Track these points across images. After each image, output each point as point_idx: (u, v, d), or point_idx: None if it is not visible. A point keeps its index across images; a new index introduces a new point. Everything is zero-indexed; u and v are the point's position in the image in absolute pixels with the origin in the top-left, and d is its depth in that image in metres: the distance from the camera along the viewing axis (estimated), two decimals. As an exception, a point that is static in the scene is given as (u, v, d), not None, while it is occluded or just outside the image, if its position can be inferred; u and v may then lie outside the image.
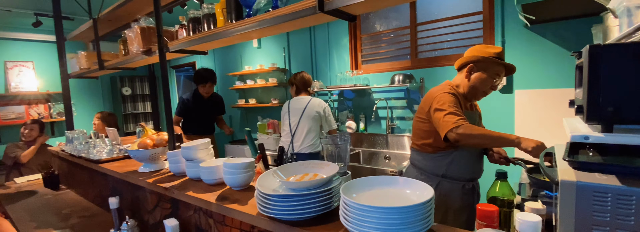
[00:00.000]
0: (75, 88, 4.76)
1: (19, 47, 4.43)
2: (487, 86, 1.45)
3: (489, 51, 1.43)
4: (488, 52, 1.42)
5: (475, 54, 1.45)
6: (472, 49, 1.49)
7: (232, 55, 4.44)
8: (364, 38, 3.20)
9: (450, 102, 1.36)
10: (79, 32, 2.50)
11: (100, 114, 3.05)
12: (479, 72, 1.44)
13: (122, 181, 1.53)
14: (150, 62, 1.97)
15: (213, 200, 0.99)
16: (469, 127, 1.26)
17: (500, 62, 1.41)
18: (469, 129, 1.26)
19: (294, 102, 2.56)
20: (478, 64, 1.44)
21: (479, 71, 1.44)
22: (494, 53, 1.42)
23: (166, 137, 1.52)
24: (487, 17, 2.51)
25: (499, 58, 1.42)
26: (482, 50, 1.44)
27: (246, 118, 4.43)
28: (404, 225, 0.62)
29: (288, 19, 1.06)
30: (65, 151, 2.16)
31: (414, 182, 0.76)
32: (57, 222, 1.60)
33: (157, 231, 1.33)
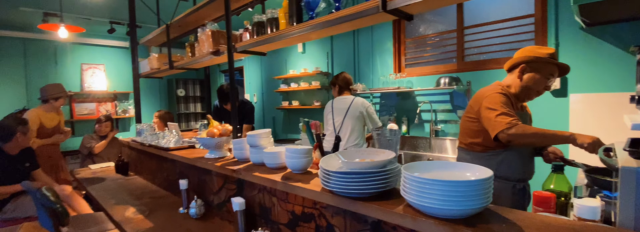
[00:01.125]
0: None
1: (93, 52, 5.03)
2: (541, 86, 1.44)
3: (542, 52, 1.43)
4: (540, 53, 1.43)
5: (527, 54, 1.46)
6: (523, 50, 1.49)
7: (277, 60, 4.68)
8: (408, 42, 3.25)
9: (503, 102, 1.38)
10: (152, 37, 2.82)
11: (159, 112, 3.38)
12: (532, 73, 1.44)
13: (190, 166, 1.72)
14: (215, 62, 2.19)
15: (278, 179, 1.11)
16: (522, 127, 1.27)
17: (553, 62, 1.41)
18: (522, 129, 1.27)
19: (338, 102, 2.65)
20: (531, 65, 1.44)
21: (532, 72, 1.44)
22: (546, 53, 1.42)
23: (230, 128, 1.69)
24: (539, 19, 2.46)
25: (552, 58, 1.42)
26: (535, 50, 1.45)
27: (288, 119, 4.62)
28: (464, 198, 0.68)
29: (350, 18, 1.18)
30: (136, 141, 2.44)
31: (473, 166, 0.81)
32: (132, 200, 1.83)
33: (222, 210, 1.48)
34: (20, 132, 2.30)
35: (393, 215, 0.76)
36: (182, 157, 1.71)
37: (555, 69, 1.43)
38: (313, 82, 3.92)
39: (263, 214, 1.24)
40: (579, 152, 1.39)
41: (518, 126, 1.28)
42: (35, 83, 4.48)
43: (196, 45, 2.28)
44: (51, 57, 4.70)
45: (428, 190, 0.71)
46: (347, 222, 0.92)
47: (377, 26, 3.40)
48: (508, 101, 1.40)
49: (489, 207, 0.78)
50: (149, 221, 1.46)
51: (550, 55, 1.42)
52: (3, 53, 4.32)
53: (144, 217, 1.51)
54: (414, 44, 3.22)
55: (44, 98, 2.94)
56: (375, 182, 0.87)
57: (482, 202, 0.70)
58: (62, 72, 4.73)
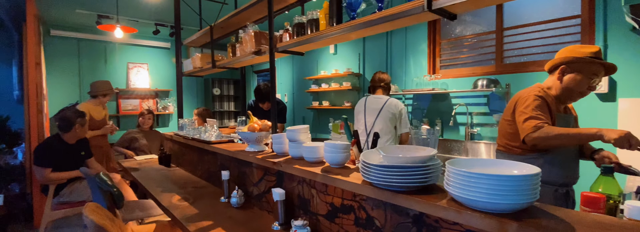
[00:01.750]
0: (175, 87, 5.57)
1: (138, 52, 5.38)
2: (583, 87, 1.40)
3: (584, 51, 1.38)
4: (582, 52, 1.38)
5: (567, 54, 1.41)
6: (564, 50, 1.45)
7: (308, 61, 4.77)
8: (444, 43, 3.21)
9: (534, 106, 1.35)
10: (195, 38, 2.99)
11: (198, 110, 3.57)
12: (573, 74, 1.40)
13: (231, 158, 1.82)
14: (255, 62, 2.30)
15: (319, 172, 1.16)
16: (546, 130, 1.26)
17: (596, 61, 1.35)
18: (545, 131, 1.25)
19: (371, 102, 2.63)
20: (571, 65, 1.40)
21: (573, 72, 1.40)
22: (589, 53, 1.37)
23: (269, 124, 1.77)
24: (586, 20, 2.35)
25: (596, 58, 1.36)
26: (576, 50, 1.40)
27: (318, 119, 4.69)
28: (512, 193, 0.69)
29: (393, 18, 1.21)
30: (179, 134, 2.59)
31: (519, 163, 0.82)
32: (177, 189, 1.96)
33: (260, 200, 1.55)
34: (79, 124, 2.53)
35: (436, 208, 0.79)
36: (223, 149, 1.81)
37: (599, 69, 1.37)
38: (344, 82, 3.96)
39: (302, 205, 1.29)
40: (627, 160, 1.33)
41: (542, 128, 1.27)
42: (87, 79, 4.87)
43: (237, 45, 2.40)
44: (101, 56, 5.08)
45: (474, 184, 0.73)
46: (387, 215, 0.95)
47: (412, 27, 3.38)
48: (542, 104, 1.37)
49: (535, 204, 0.78)
50: (194, 208, 1.56)
51: (593, 54, 1.36)
52: (60, 52, 4.74)
53: (188, 204, 1.62)
54: (449, 45, 3.17)
55: (94, 94, 3.20)
56: (417, 176, 0.89)
57: (529, 198, 0.70)
58: (110, 70, 5.11)
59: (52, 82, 4.60)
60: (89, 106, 3.14)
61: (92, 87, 3.23)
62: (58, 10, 4.17)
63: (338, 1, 1.58)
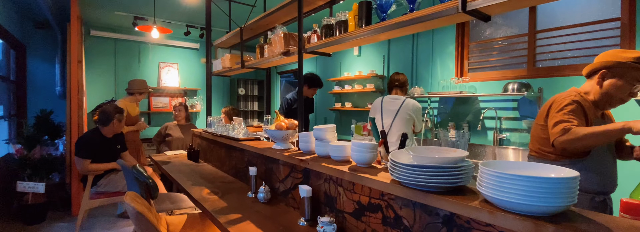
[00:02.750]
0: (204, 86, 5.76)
1: (170, 52, 5.61)
2: (624, 93, 1.35)
3: (626, 56, 1.32)
4: (625, 57, 1.32)
5: (608, 59, 1.36)
6: (604, 54, 1.40)
7: (332, 63, 4.80)
8: (472, 45, 3.14)
9: (568, 110, 1.31)
10: (225, 39, 3.10)
11: (225, 108, 3.68)
12: (614, 79, 1.35)
13: (258, 155, 1.87)
14: (283, 62, 2.35)
15: (346, 170, 1.18)
16: (574, 132, 1.22)
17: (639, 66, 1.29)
18: (573, 133, 1.22)
19: (387, 103, 2.60)
20: (612, 70, 1.35)
21: (614, 77, 1.35)
22: (632, 58, 1.31)
23: (296, 122, 1.81)
24: (626, 23, 2.24)
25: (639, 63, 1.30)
26: (618, 55, 1.35)
27: (340, 120, 4.70)
28: (549, 195, 0.68)
29: (425, 19, 1.21)
30: (207, 131, 2.69)
31: (555, 166, 0.80)
32: (206, 183, 2.03)
33: (287, 197, 1.59)
34: (117, 119, 2.68)
35: (469, 209, 0.79)
36: (251, 146, 1.87)
37: None
38: (367, 84, 3.96)
39: (328, 202, 1.32)
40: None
41: (570, 130, 1.23)
42: (121, 78, 5.14)
43: (266, 46, 2.47)
44: (135, 55, 5.35)
45: (509, 185, 0.72)
46: (416, 215, 0.96)
47: (439, 29, 3.34)
48: (577, 109, 1.33)
49: (572, 209, 0.77)
50: (223, 201, 1.62)
51: (636, 59, 1.30)
52: (98, 51, 5.03)
53: (218, 198, 1.68)
54: (478, 48, 3.10)
55: (131, 91, 3.39)
56: (449, 177, 0.89)
57: (566, 201, 0.69)
58: (143, 69, 5.36)
59: (90, 79, 4.89)
60: (126, 103, 3.32)
61: (130, 85, 3.42)
62: (98, 12, 4.43)
63: (368, 3, 1.60)
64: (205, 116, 3.42)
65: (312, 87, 3.45)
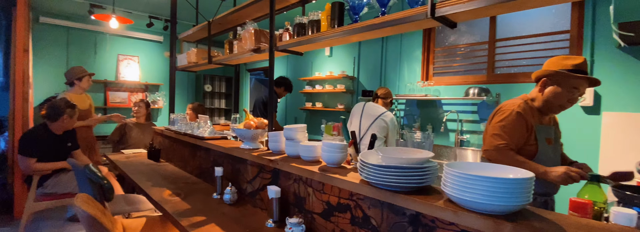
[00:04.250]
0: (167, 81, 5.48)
1: (130, 44, 5.28)
2: (562, 100, 1.39)
3: (567, 63, 1.37)
4: (565, 64, 1.37)
5: (549, 67, 1.42)
6: (549, 61, 1.45)
7: (303, 62, 4.79)
8: (438, 50, 3.28)
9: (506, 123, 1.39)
10: (191, 33, 2.97)
11: (192, 105, 3.53)
12: (554, 86, 1.40)
13: (225, 155, 1.81)
14: (253, 59, 2.30)
15: (316, 170, 1.17)
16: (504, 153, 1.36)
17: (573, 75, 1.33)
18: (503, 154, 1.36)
19: (369, 108, 2.71)
20: (552, 78, 1.40)
21: (553, 85, 1.40)
22: (572, 65, 1.36)
23: (266, 122, 1.77)
24: (575, 36, 2.45)
25: (578, 70, 1.35)
26: (559, 62, 1.39)
27: (311, 120, 4.70)
28: (508, 195, 0.72)
29: (396, 23, 1.24)
30: (170, 129, 2.56)
31: (513, 168, 0.85)
32: (167, 184, 1.93)
33: (254, 198, 1.55)
34: (68, 115, 2.47)
35: (434, 208, 0.81)
36: (218, 146, 1.80)
37: (580, 82, 1.36)
38: (338, 85, 3.99)
39: (297, 203, 1.30)
40: (608, 171, 1.39)
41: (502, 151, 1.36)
42: (75, 70, 4.75)
43: (236, 42, 2.40)
44: (91, 46, 4.97)
45: (472, 185, 0.76)
46: (384, 214, 0.97)
47: (407, 34, 3.45)
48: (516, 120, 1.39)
49: (528, 207, 0.82)
50: (185, 203, 1.55)
51: (575, 66, 1.35)
52: (49, 40, 4.61)
53: (180, 200, 1.60)
54: (443, 53, 3.25)
55: (70, 81, 3.06)
56: (416, 177, 0.92)
57: (524, 200, 0.74)
58: (99, 61, 4.99)
59: (38, 70, 4.46)
60: (71, 96, 3.04)
61: (66, 76, 3.09)
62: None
63: (341, 4, 1.61)
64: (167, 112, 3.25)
65: (286, 91, 3.62)
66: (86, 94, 3.22)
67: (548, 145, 1.46)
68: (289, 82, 3.65)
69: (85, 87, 3.14)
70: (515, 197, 0.72)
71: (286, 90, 3.65)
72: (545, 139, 1.45)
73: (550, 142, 1.47)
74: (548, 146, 1.45)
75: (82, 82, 3.08)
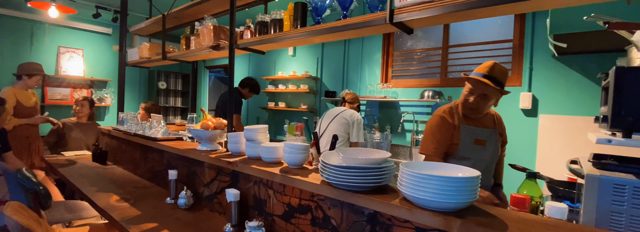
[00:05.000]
0: (116, 77, 5.09)
1: (73, 35, 4.82)
2: (465, 102, 1.47)
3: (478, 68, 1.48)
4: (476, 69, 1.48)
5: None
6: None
7: (266, 61, 4.72)
8: (396, 54, 3.41)
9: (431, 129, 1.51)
10: (144, 26, 2.78)
11: (145, 104, 3.31)
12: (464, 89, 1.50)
13: (180, 157, 1.72)
14: (211, 56, 2.21)
15: (277, 172, 1.16)
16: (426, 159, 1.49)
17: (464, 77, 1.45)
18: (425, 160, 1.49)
19: (332, 110, 2.77)
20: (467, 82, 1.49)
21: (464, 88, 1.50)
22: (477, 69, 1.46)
23: (225, 122, 1.72)
24: (517, 45, 2.68)
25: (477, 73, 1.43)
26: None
27: (273, 120, 4.64)
28: (457, 193, 0.77)
29: (357, 27, 1.27)
30: (119, 129, 2.38)
31: (462, 167, 0.91)
32: (115, 189, 1.79)
33: (212, 202, 1.50)
34: (-6, 112, 2.18)
35: (390, 207, 0.84)
36: (172, 147, 1.71)
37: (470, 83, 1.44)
38: (301, 85, 3.99)
39: (257, 205, 1.28)
40: (544, 168, 1.55)
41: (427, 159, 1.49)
42: (8, 62, 4.23)
43: (193, 38, 2.29)
44: (27, 36, 4.46)
45: (425, 184, 0.80)
46: (343, 214, 0.99)
47: (368, 38, 3.54)
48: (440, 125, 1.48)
49: (474, 204, 0.87)
50: (135, 209, 1.45)
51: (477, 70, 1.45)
52: (-27, 28, 4.07)
53: (129, 205, 1.50)
54: (401, 57, 3.38)
55: (19, 74, 2.80)
56: (374, 177, 0.94)
57: (471, 197, 0.79)
58: (37, 53, 4.50)
59: (-42, 61, 3.91)
60: (15, 90, 2.73)
61: (18, 68, 2.82)
62: (-26, -21, 3.58)
63: (304, 4, 1.61)
64: (116, 111, 3.01)
65: (252, 92, 3.51)
66: (32, 91, 2.92)
67: (475, 145, 1.49)
68: (255, 83, 3.53)
69: (31, 86, 2.88)
70: (463, 194, 0.77)
71: (252, 92, 3.53)
72: (473, 139, 1.49)
73: (480, 143, 1.50)
74: (474, 146, 1.49)
75: (31, 80, 2.83)
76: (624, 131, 0.85)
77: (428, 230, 0.81)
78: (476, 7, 0.96)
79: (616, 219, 0.82)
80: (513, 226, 0.70)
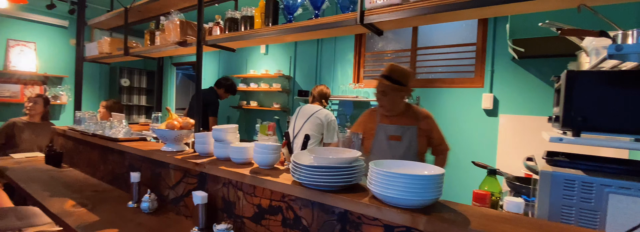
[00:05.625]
0: (73, 73, 4.76)
1: (24, 27, 4.45)
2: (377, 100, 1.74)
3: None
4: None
5: None
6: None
7: (237, 59, 4.62)
8: (368, 55, 3.47)
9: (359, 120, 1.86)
10: (104, 19, 2.62)
11: (106, 102, 3.11)
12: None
13: (143, 159, 1.64)
14: (177, 53, 2.12)
15: (247, 173, 1.14)
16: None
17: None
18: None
19: (305, 108, 2.74)
20: None
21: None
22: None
23: (192, 121, 1.65)
24: (480, 48, 2.82)
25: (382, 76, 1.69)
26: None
27: (245, 119, 4.55)
28: (424, 190, 0.80)
29: (328, 27, 1.27)
30: (75, 129, 2.23)
31: (428, 165, 0.94)
32: (71, 193, 1.67)
33: (178, 205, 1.44)
34: None
35: (360, 205, 0.85)
36: (135, 148, 1.63)
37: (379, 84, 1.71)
38: (274, 84, 3.94)
39: (226, 208, 1.24)
40: (504, 165, 1.64)
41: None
42: (-59, 55, 3.82)
43: (158, 33, 2.19)
44: (-33, 27, 4.05)
45: (393, 182, 0.81)
46: (314, 214, 0.99)
47: (341, 38, 3.57)
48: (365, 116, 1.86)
49: (439, 200, 0.91)
50: (93, 215, 1.36)
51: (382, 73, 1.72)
52: None
53: (87, 211, 1.40)
54: (372, 58, 3.44)
55: None
56: (344, 176, 0.95)
57: (437, 194, 0.82)
58: (-21, 46, 4.10)
59: None
60: None
61: None
62: None
63: (275, 2, 1.58)
64: (72, 110, 2.81)
65: (228, 92, 3.44)
66: None
67: (388, 140, 1.72)
68: (232, 83, 3.43)
69: None
70: (429, 192, 0.79)
71: (228, 92, 3.44)
72: (388, 135, 1.73)
73: (395, 139, 1.72)
74: (386, 141, 1.73)
75: None
76: (573, 130, 0.92)
77: (396, 227, 0.83)
78: (441, 11, 0.99)
79: (567, 212, 0.88)
80: (475, 221, 0.73)
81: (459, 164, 2.72)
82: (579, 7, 0.87)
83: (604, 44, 0.94)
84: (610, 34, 0.87)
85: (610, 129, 0.88)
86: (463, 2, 0.96)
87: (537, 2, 0.89)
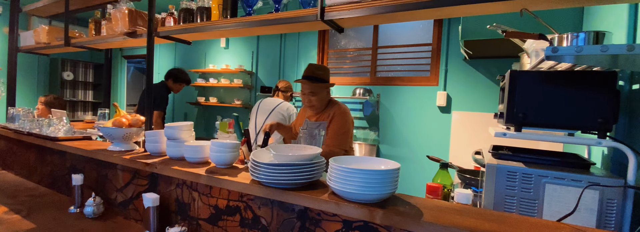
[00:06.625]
0: (5, 65, 4.24)
1: (-60, 12, 3.87)
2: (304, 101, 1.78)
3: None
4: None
5: None
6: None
7: (195, 52, 4.41)
8: (331, 52, 3.49)
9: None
10: (41, 5, 2.35)
11: (45, 98, 2.82)
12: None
13: (86, 159, 1.51)
14: (126, 45, 1.97)
15: (203, 173, 1.09)
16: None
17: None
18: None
19: (264, 103, 2.65)
20: None
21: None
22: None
23: (142, 118, 1.55)
24: (435, 48, 2.96)
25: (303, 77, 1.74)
26: None
27: (203, 116, 4.37)
28: (380, 185, 0.81)
29: (289, 21, 1.24)
30: (8, 128, 1.99)
31: (384, 160, 0.96)
32: (3, 199, 1.49)
33: (127, 208, 1.34)
34: None
35: (320, 202, 0.85)
36: (77, 148, 1.49)
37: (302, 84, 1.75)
38: (235, 79, 3.82)
39: (180, 210, 1.18)
40: (457, 158, 1.73)
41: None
42: None
43: (104, 22, 2.01)
44: None
45: (351, 178, 0.82)
46: (274, 213, 0.97)
47: (304, 34, 3.55)
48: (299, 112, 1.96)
49: (395, 194, 0.93)
50: (28, 222, 1.22)
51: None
52: None
53: (21, 218, 1.25)
54: (335, 55, 3.47)
55: None
56: (305, 173, 0.94)
57: (392, 188, 0.84)
58: None
59: None
60: None
61: None
62: None
63: (234, -6, 1.53)
64: (5, 106, 2.51)
65: (178, 82, 3.14)
66: None
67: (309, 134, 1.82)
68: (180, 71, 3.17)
69: None
70: (385, 186, 0.81)
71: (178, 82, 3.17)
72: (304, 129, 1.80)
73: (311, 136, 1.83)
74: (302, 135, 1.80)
75: None
76: (515, 125, 0.99)
77: (354, 222, 0.84)
78: (399, 10, 1.01)
79: (509, 201, 0.95)
80: (427, 213, 0.76)
81: (415, 158, 2.84)
82: (521, 11, 0.93)
83: (542, 46, 1.03)
84: (548, 37, 0.95)
85: (547, 125, 0.97)
86: (419, 2, 0.99)
87: (485, 5, 0.95)
